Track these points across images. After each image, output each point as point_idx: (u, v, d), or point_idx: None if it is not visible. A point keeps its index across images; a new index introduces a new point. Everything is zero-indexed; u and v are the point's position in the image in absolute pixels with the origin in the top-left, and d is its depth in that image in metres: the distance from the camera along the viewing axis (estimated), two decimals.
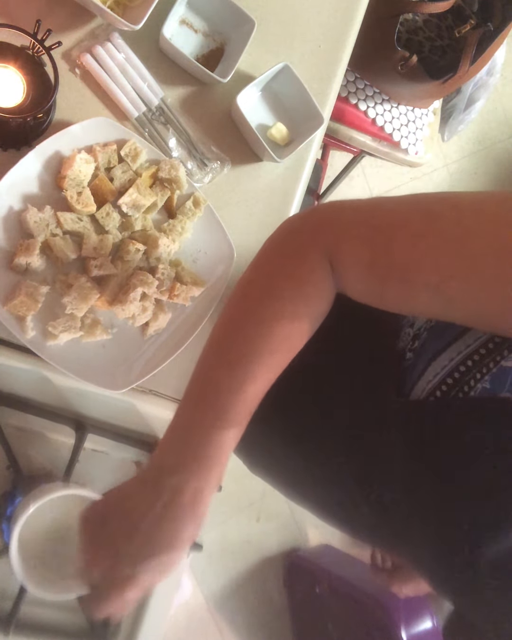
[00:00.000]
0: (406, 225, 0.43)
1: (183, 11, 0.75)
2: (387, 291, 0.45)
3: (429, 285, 0.41)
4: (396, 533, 0.54)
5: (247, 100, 0.78)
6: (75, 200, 0.64)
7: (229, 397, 0.46)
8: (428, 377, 0.48)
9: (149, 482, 0.47)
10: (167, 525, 0.45)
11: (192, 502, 0.45)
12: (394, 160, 1.36)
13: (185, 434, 0.47)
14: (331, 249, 0.47)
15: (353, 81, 1.20)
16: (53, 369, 0.65)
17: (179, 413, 0.49)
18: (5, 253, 0.63)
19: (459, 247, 0.39)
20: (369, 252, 0.44)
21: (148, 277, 0.67)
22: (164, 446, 0.48)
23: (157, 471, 0.47)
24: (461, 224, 0.39)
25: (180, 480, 0.45)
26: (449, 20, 1.15)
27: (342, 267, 0.47)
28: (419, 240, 0.41)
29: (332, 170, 1.73)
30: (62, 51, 0.68)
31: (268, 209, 0.80)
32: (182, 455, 0.46)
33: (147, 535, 0.45)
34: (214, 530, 1.75)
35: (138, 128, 0.73)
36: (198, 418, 0.47)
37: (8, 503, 0.68)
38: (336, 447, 0.57)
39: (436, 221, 0.41)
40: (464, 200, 0.41)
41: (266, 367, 0.47)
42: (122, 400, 0.71)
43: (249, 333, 0.47)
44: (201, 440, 0.46)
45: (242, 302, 0.50)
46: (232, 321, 0.50)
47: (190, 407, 0.49)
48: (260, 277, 0.50)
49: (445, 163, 2.37)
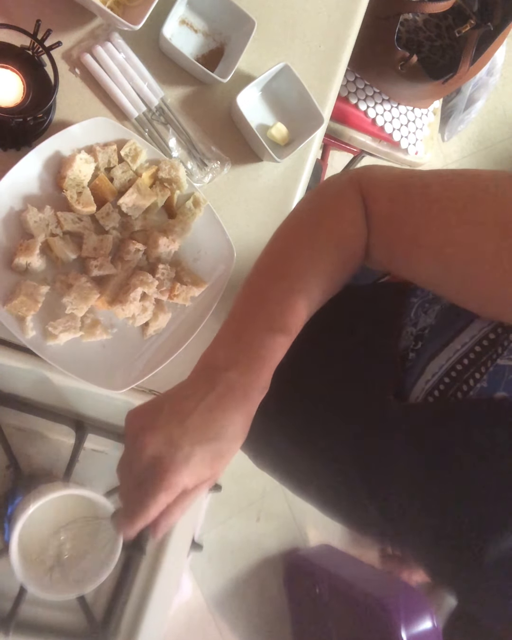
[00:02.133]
0: (426, 190, 0.46)
1: (183, 11, 0.75)
2: (396, 248, 0.48)
3: (431, 248, 0.44)
4: (401, 532, 0.54)
5: (247, 100, 0.78)
6: (75, 200, 0.64)
7: (279, 305, 0.48)
8: (426, 376, 0.49)
9: (201, 377, 0.48)
10: (220, 415, 0.45)
11: (244, 397, 0.46)
12: (394, 160, 1.36)
13: (237, 335, 0.49)
14: (364, 194, 0.50)
15: (353, 81, 1.20)
16: (53, 369, 0.65)
17: (229, 319, 0.51)
18: (5, 253, 0.63)
19: (464, 215, 0.42)
20: (390, 206, 0.48)
21: (148, 277, 0.67)
22: (216, 346, 0.50)
23: (210, 367, 0.48)
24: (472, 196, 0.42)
25: (234, 376, 0.46)
26: (449, 20, 1.15)
27: (369, 212, 0.50)
28: (434, 204, 0.44)
29: (332, 170, 1.73)
30: (62, 51, 0.68)
31: (268, 209, 0.80)
32: (234, 354, 0.47)
33: (202, 422, 0.44)
34: (214, 530, 1.75)
35: (138, 128, 0.73)
36: (249, 321, 0.49)
37: (8, 503, 0.68)
38: (340, 449, 0.58)
39: (451, 190, 0.44)
40: (482, 176, 0.44)
41: (312, 285, 0.49)
42: (122, 400, 0.71)
43: (296, 254, 0.50)
44: (253, 341, 0.47)
45: (289, 229, 0.54)
46: (280, 244, 0.53)
47: (240, 312, 0.50)
48: (304, 210, 0.54)
49: (445, 163, 2.37)
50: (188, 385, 0.48)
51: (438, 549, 0.49)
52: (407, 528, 0.52)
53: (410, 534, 0.52)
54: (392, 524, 0.54)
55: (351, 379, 0.59)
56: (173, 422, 0.44)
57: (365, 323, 0.61)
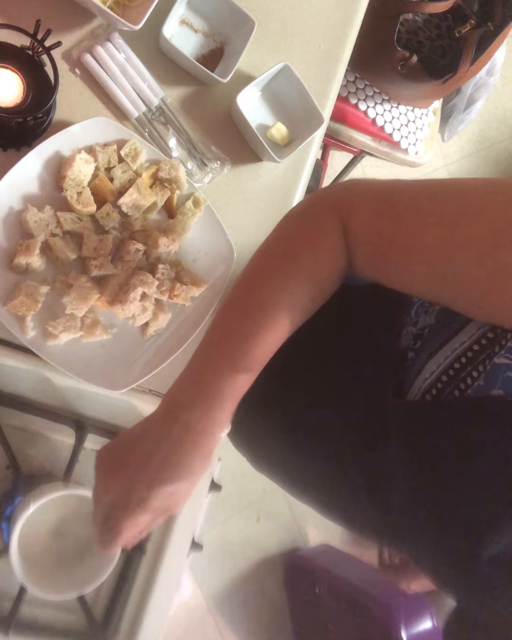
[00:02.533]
0: (414, 203, 0.46)
1: (183, 11, 0.75)
2: (388, 263, 0.47)
3: (424, 261, 0.43)
4: (399, 531, 0.54)
5: (247, 100, 0.78)
6: (75, 200, 0.64)
7: (244, 343, 0.49)
8: (424, 375, 0.49)
9: (164, 416, 0.49)
10: (178, 457, 0.47)
11: (202, 436, 0.48)
12: (394, 160, 1.36)
13: (200, 374, 0.50)
14: (345, 217, 0.50)
15: (353, 81, 1.20)
16: (53, 369, 0.65)
17: (195, 355, 0.51)
18: (5, 253, 0.63)
19: (455, 228, 0.41)
20: (377, 222, 0.47)
21: (148, 277, 0.67)
22: (179, 384, 0.51)
23: (172, 407, 0.49)
24: (461, 207, 0.42)
25: (192, 416, 0.48)
26: (449, 20, 1.15)
27: (353, 235, 0.49)
28: (424, 217, 0.44)
29: (332, 170, 1.73)
30: (62, 51, 0.68)
31: (268, 209, 0.80)
32: (196, 394, 0.49)
33: (159, 464, 0.47)
34: (214, 530, 1.75)
35: (138, 128, 0.73)
36: (213, 360, 0.50)
37: (8, 503, 0.68)
38: (338, 448, 0.58)
39: (440, 203, 0.44)
40: (469, 185, 0.43)
41: (279, 320, 0.49)
42: (122, 400, 0.71)
43: (266, 287, 0.50)
44: (215, 381, 0.48)
45: (261, 259, 0.53)
46: (250, 277, 0.53)
47: (206, 350, 0.51)
48: (279, 238, 0.54)
49: (445, 163, 2.37)
50: (151, 425, 0.50)
51: (436, 548, 0.49)
52: (405, 527, 0.52)
53: (408, 533, 0.52)
54: (391, 523, 0.54)
55: (350, 377, 0.59)
56: (132, 467, 0.48)
57: (365, 323, 0.61)
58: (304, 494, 0.71)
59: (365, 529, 0.64)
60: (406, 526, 0.52)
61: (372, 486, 0.54)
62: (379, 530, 0.59)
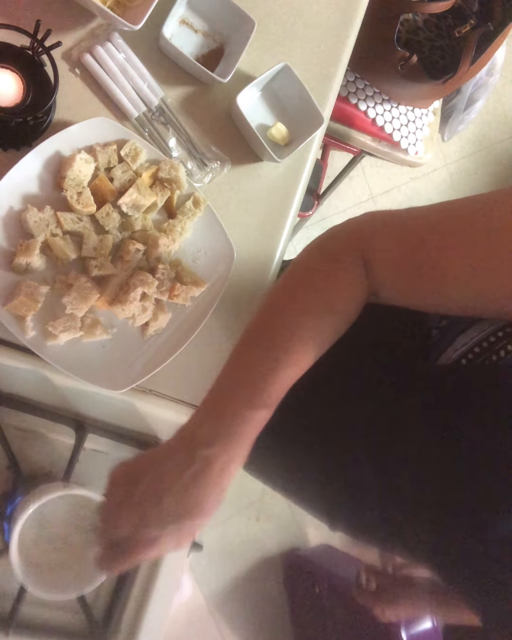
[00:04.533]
0: (436, 225, 0.46)
1: (183, 11, 0.75)
2: (419, 288, 0.48)
3: (458, 279, 0.44)
4: (407, 511, 0.54)
5: (247, 100, 0.78)
6: (75, 200, 0.64)
7: (262, 379, 0.49)
8: (456, 346, 0.49)
9: (181, 451, 0.49)
10: (195, 493, 0.48)
11: (219, 474, 0.48)
12: (394, 160, 1.36)
13: (218, 410, 0.50)
14: (365, 248, 0.50)
15: (353, 81, 1.20)
16: (53, 369, 0.65)
17: (214, 389, 0.52)
18: (5, 253, 0.63)
19: (488, 241, 0.42)
20: (401, 250, 0.48)
21: (148, 277, 0.67)
22: (197, 418, 0.51)
23: (190, 441, 0.50)
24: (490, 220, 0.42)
25: (211, 453, 0.48)
26: (449, 20, 1.15)
27: (376, 265, 0.50)
28: (449, 237, 0.44)
29: (332, 170, 1.73)
30: (62, 51, 0.68)
31: (268, 209, 0.80)
32: (214, 430, 0.49)
33: (174, 500, 0.47)
34: (214, 530, 1.75)
35: (138, 128, 0.73)
36: (232, 396, 0.50)
37: (8, 503, 0.68)
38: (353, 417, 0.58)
39: (465, 219, 0.44)
40: (491, 198, 0.44)
41: (298, 355, 0.49)
42: (122, 400, 0.71)
43: (284, 321, 0.51)
44: (233, 417, 0.49)
45: (279, 293, 0.54)
46: (269, 311, 0.53)
47: (225, 385, 0.52)
48: (297, 272, 0.54)
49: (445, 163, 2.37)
50: (168, 456, 0.50)
51: (443, 528, 0.49)
52: (412, 503, 0.52)
53: (413, 513, 0.52)
54: (396, 501, 0.54)
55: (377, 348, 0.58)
56: (148, 501, 0.48)
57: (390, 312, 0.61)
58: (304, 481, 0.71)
59: (365, 513, 0.63)
60: (412, 500, 0.51)
61: (381, 462, 0.54)
62: (382, 512, 0.58)
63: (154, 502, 0.48)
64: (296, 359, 0.49)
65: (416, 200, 2.30)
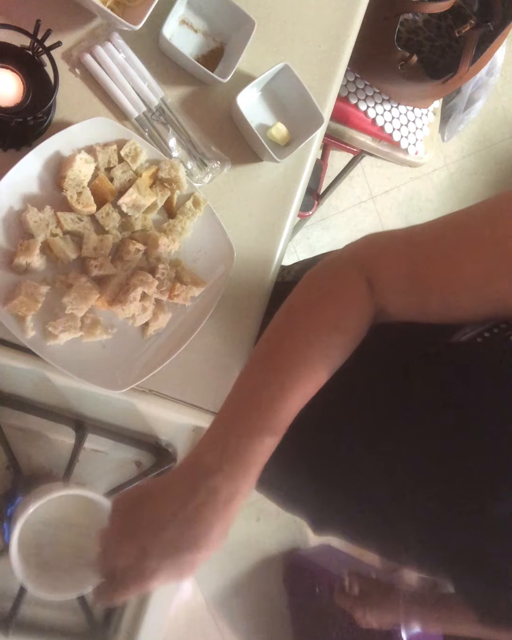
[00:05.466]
0: (441, 239, 0.46)
1: (183, 11, 0.75)
2: (429, 302, 0.47)
3: (468, 289, 0.44)
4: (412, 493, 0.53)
5: (247, 100, 0.78)
6: (75, 200, 0.64)
7: (270, 405, 0.48)
8: (466, 329, 0.49)
9: (185, 479, 0.48)
10: (199, 525, 0.46)
11: (225, 505, 0.47)
12: (394, 160, 1.36)
13: (224, 438, 0.49)
14: (369, 268, 0.50)
15: (353, 81, 1.20)
16: (53, 369, 0.65)
17: (221, 415, 0.51)
18: (5, 253, 0.63)
19: (497, 249, 0.41)
20: (407, 266, 0.47)
21: (148, 277, 0.67)
22: (204, 445, 0.50)
23: (196, 469, 0.48)
24: (495, 228, 0.42)
25: (217, 483, 0.47)
26: (449, 20, 1.15)
27: (382, 283, 0.49)
28: (456, 250, 0.44)
29: (332, 170, 1.73)
30: (62, 51, 0.68)
31: (268, 209, 0.80)
32: (220, 458, 0.47)
33: (177, 532, 0.46)
34: None
35: (138, 128, 0.73)
36: (239, 423, 0.49)
37: (8, 503, 0.68)
38: (351, 398, 0.57)
39: (470, 230, 0.44)
40: (493, 207, 0.44)
41: (305, 379, 0.49)
42: (122, 400, 0.71)
43: (290, 344, 0.50)
44: (240, 445, 0.47)
45: (284, 316, 0.53)
46: (275, 334, 0.52)
47: (232, 411, 0.50)
48: (301, 294, 0.54)
49: (445, 163, 2.37)
50: (172, 486, 0.49)
51: (446, 510, 0.48)
52: (416, 485, 0.51)
53: (417, 494, 0.51)
54: (399, 486, 0.53)
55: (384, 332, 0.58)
56: (148, 532, 0.47)
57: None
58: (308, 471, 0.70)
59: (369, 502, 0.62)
60: (416, 482, 0.51)
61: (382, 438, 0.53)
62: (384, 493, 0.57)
63: (155, 532, 0.46)
64: (303, 383, 0.48)
65: (416, 200, 2.30)
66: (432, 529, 0.51)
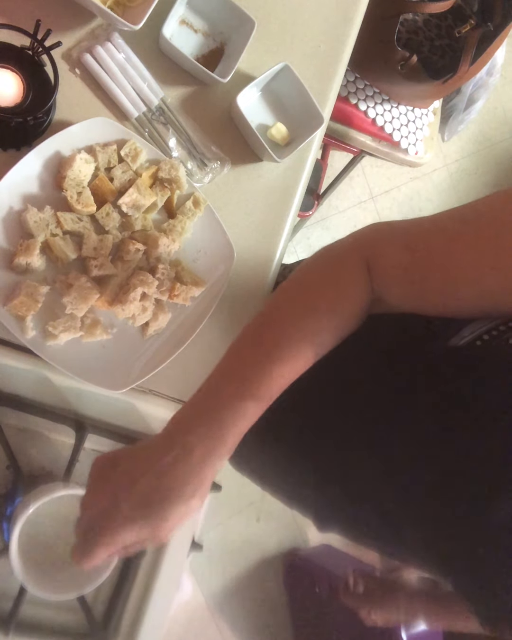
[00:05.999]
0: (442, 230, 0.46)
1: (183, 11, 0.75)
2: (427, 292, 0.48)
3: (468, 281, 0.44)
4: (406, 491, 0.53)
5: (247, 100, 0.78)
6: (75, 200, 0.64)
7: (254, 371, 0.48)
8: (463, 334, 0.49)
9: (162, 438, 0.49)
10: (172, 480, 0.46)
11: (199, 462, 0.46)
12: (394, 160, 1.36)
13: (206, 399, 0.49)
14: (370, 255, 0.50)
15: (353, 81, 1.20)
16: (53, 369, 0.65)
17: (205, 381, 0.51)
18: (5, 253, 0.63)
19: (497, 242, 0.42)
20: (407, 256, 0.48)
21: (148, 277, 0.67)
22: (185, 408, 0.50)
23: (174, 429, 0.49)
24: (496, 221, 0.42)
25: (192, 439, 0.46)
26: (449, 20, 1.15)
27: (381, 271, 0.50)
28: (456, 241, 0.45)
29: (332, 170, 1.73)
30: (62, 51, 0.68)
31: (268, 209, 0.80)
32: (199, 417, 0.48)
33: (150, 485, 0.46)
34: (214, 530, 1.75)
35: (138, 128, 0.73)
36: (221, 386, 0.49)
37: (8, 503, 0.68)
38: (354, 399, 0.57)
39: (471, 223, 0.44)
40: (496, 200, 0.44)
41: (294, 353, 0.49)
42: (122, 400, 0.71)
43: (284, 321, 0.50)
44: (220, 405, 0.48)
45: (280, 294, 0.54)
46: (268, 310, 0.53)
47: (216, 376, 0.51)
48: (301, 275, 0.54)
49: (445, 163, 2.37)
50: (150, 444, 0.49)
51: (446, 510, 0.48)
52: (416, 485, 0.51)
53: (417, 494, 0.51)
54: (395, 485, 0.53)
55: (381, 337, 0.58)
56: (121, 484, 0.47)
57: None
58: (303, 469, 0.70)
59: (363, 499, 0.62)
60: (410, 480, 0.51)
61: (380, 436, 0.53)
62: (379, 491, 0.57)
63: (128, 485, 0.46)
64: (289, 355, 0.49)
65: (416, 200, 2.30)
66: (432, 529, 0.51)
